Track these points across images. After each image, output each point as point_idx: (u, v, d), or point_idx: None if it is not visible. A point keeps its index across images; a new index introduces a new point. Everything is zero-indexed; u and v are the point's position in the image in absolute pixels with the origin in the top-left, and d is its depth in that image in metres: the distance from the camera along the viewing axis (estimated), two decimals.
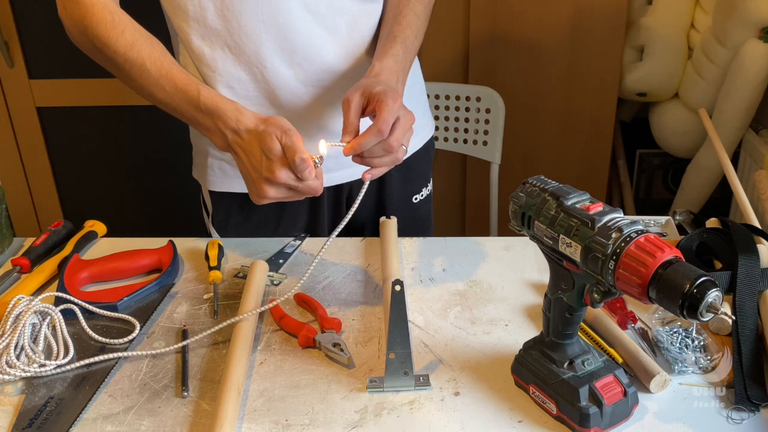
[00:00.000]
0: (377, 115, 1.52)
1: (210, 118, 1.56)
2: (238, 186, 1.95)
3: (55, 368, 1.45)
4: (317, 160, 1.50)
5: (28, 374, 1.43)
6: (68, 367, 1.46)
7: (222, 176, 1.95)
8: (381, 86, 1.58)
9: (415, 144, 2.05)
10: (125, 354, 1.50)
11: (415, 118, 1.62)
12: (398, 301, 1.40)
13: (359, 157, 1.58)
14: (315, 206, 2.00)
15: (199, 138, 1.97)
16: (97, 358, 1.48)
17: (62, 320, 1.54)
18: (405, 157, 1.69)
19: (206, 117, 1.57)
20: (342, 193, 2.02)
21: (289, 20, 1.71)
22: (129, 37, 1.59)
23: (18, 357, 1.45)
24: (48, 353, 1.49)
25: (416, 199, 2.10)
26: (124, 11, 1.64)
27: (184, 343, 1.52)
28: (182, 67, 1.63)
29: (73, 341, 1.52)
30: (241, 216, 2.00)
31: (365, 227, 2.07)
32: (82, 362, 1.47)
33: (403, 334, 1.40)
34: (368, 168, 1.59)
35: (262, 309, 1.57)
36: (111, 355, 1.49)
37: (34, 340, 1.50)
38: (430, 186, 2.17)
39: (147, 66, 1.59)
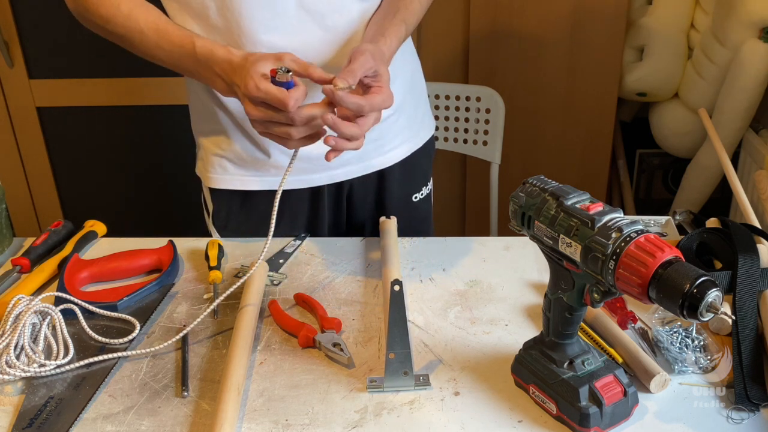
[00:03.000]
0: (370, 94, 1.56)
1: (208, 66, 1.61)
2: (239, 183, 1.95)
3: (55, 368, 1.45)
4: (282, 68, 1.52)
5: (28, 374, 1.43)
6: (68, 367, 1.46)
7: (222, 173, 1.95)
8: (384, 65, 1.61)
9: (415, 143, 2.05)
10: (125, 354, 1.50)
11: (415, 118, 1.63)
12: (397, 301, 1.40)
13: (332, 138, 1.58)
14: (315, 205, 2.00)
15: (201, 134, 1.98)
16: (97, 358, 1.48)
17: (62, 320, 1.54)
18: (403, 157, 1.72)
19: (204, 66, 1.62)
20: (343, 191, 2.02)
21: (287, 20, 1.72)
22: (125, 9, 1.66)
23: (18, 357, 1.45)
24: (48, 353, 1.49)
25: (416, 198, 2.10)
26: None
27: (183, 334, 1.53)
28: (178, 24, 1.69)
29: (73, 341, 1.52)
30: (242, 215, 2.00)
31: (365, 227, 2.07)
32: (82, 362, 1.47)
33: (403, 334, 1.40)
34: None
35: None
36: (111, 355, 1.49)
37: (34, 340, 1.50)
38: (430, 185, 2.17)
39: (145, 32, 1.66)
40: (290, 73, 1.50)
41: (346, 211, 2.05)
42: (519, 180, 1.34)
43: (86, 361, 1.47)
